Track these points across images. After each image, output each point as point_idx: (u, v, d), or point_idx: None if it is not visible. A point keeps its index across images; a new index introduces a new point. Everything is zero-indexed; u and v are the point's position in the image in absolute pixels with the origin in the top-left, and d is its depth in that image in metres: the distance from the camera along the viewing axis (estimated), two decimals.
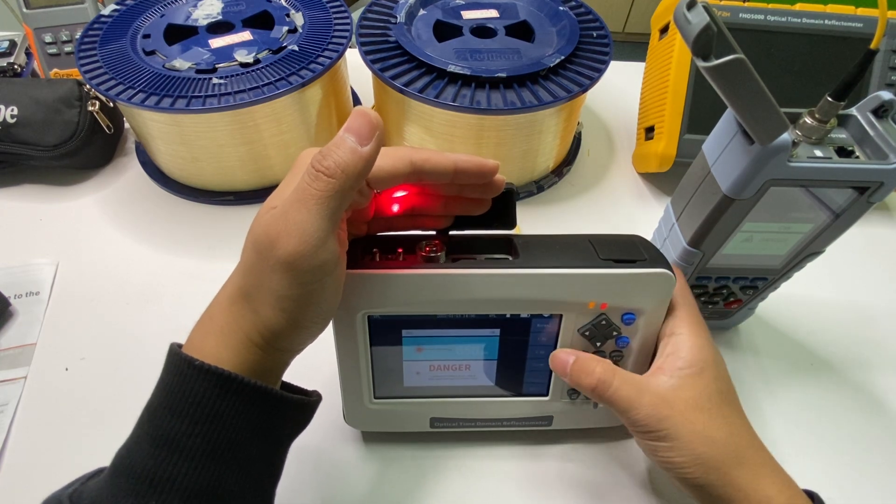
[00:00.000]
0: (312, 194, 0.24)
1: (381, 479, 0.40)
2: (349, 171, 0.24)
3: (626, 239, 0.34)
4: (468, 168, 0.29)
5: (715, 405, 0.31)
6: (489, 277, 0.31)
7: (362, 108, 0.25)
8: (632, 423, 0.32)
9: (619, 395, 0.32)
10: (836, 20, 0.52)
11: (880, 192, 0.32)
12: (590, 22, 0.57)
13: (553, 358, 0.35)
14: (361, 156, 0.24)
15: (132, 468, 0.25)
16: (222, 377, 0.25)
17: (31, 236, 0.53)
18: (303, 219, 0.24)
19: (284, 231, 0.24)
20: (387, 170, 0.28)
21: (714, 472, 0.30)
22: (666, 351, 0.33)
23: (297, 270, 0.24)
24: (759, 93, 0.26)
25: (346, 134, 0.25)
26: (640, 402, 0.31)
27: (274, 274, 0.25)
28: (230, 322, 0.27)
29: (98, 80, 0.49)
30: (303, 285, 0.25)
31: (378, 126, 0.25)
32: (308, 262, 0.24)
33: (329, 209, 0.24)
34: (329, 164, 0.24)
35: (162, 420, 0.26)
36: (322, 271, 0.25)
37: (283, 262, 0.24)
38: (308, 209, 0.24)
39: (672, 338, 0.33)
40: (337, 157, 0.24)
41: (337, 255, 0.26)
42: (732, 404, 0.32)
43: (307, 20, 0.56)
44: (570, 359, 0.34)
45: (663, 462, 0.31)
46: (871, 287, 0.53)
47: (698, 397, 0.31)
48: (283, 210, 0.25)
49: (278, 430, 0.29)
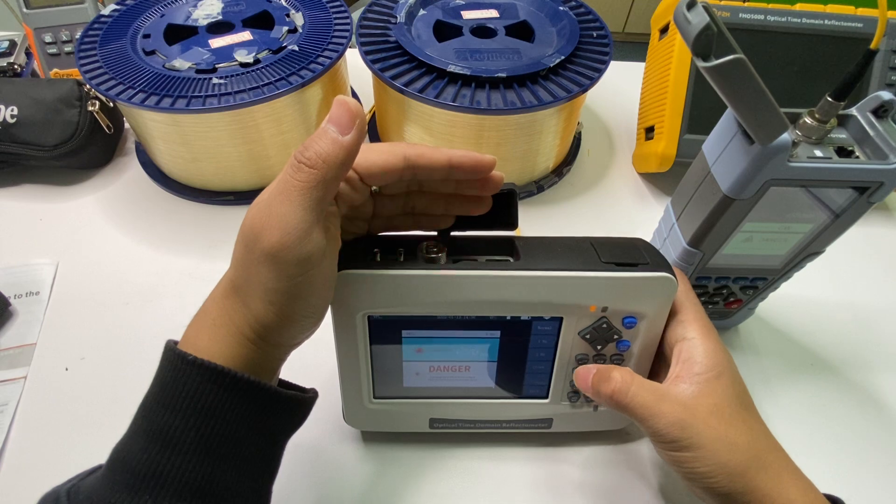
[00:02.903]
0: (295, 185, 0.24)
1: (380, 479, 0.39)
2: (330, 161, 0.24)
3: (629, 242, 0.34)
4: (463, 163, 0.28)
5: (735, 410, 0.31)
6: (490, 279, 0.31)
7: (342, 98, 0.25)
8: (654, 432, 0.31)
9: (636, 401, 0.31)
10: (836, 20, 0.52)
11: (880, 192, 0.32)
12: (590, 22, 0.57)
13: (577, 375, 0.35)
14: (342, 145, 0.24)
15: (127, 463, 0.25)
16: (215, 372, 0.25)
17: (31, 236, 0.53)
18: (285, 210, 0.24)
19: (268, 223, 0.24)
20: (380, 165, 0.27)
21: (739, 478, 0.29)
22: (682, 357, 0.32)
23: (281, 262, 0.24)
24: (759, 93, 0.26)
25: (328, 124, 0.25)
26: (660, 409, 0.30)
27: (261, 267, 0.25)
28: (223, 316, 0.27)
29: (98, 80, 0.49)
30: (289, 278, 0.25)
31: (358, 114, 0.25)
32: (292, 253, 0.24)
33: (312, 200, 0.24)
34: (310, 155, 0.24)
35: (156, 415, 0.26)
36: (308, 263, 0.25)
37: (268, 255, 0.24)
38: (290, 201, 0.24)
39: (685, 343, 0.33)
40: (318, 148, 0.24)
41: (323, 248, 0.26)
42: (750, 408, 0.32)
43: (307, 20, 0.56)
44: (591, 370, 0.33)
45: (688, 473, 0.30)
46: (870, 287, 0.53)
47: (719, 403, 0.30)
48: (266, 203, 0.25)
49: (273, 426, 0.29)
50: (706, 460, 0.29)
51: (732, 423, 0.30)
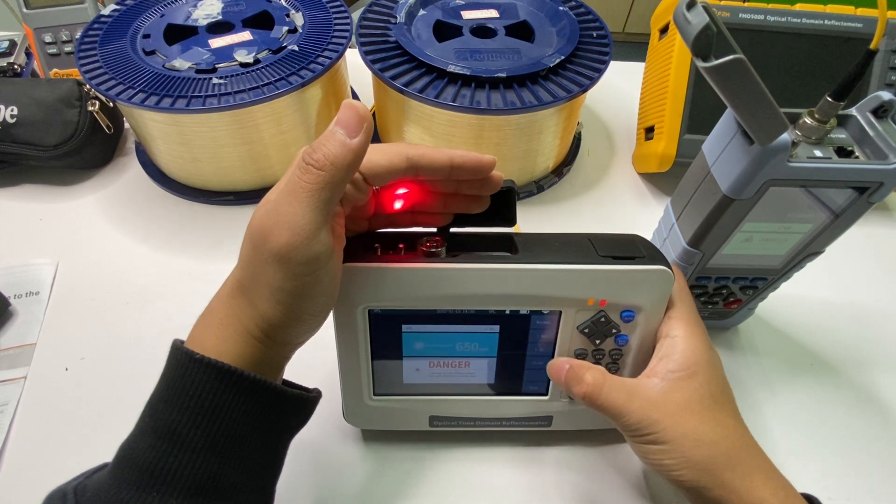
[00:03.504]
0: (303, 187, 0.24)
1: (380, 478, 0.40)
2: (338, 164, 0.24)
3: (626, 237, 0.34)
4: (464, 163, 0.29)
5: (707, 408, 0.31)
6: (489, 272, 0.31)
7: (350, 101, 0.25)
8: (623, 427, 0.32)
9: (609, 401, 0.32)
10: (836, 20, 0.52)
11: (880, 192, 0.32)
12: (590, 22, 0.57)
13: (550, 367, 0.35)
14: (350, 148, 0.25)
15: (134, 460, 0.26)
16: (222, 370, 0.26)
17: (31, 236, 0.53)
18: (294, 211, 0.24)
19: (276, 224, 0.24)
20: (383, 165, 0.28)
21: (706, 474, 0.30)
22: (661, 353, 0.33)
23: (290, 263, 0.25)
24: (759, 93, 0.26)
25: (336, 127, 0.25)
26: (630, 407, 0.31)
27: (269, 267, 0.25)
28: (229, 315, 0.27)
29: (98, 80, 0.49)
30: (297, 277, 0.25)
31: (366, 118, 0.25)
32: (300, 254, 0.25)
33: (320, 201, 0.25)
34: (318, 157, 0.24)
35: (163, 413, 0.26)
36: (316, 263, 0.25)
37: (277, 255, 0.25)
38: (299, 202, 0.24)
39: (667, 339, 0.33)
40: (326, 150, 0.25)
41: (330, 248, 0.26)
42: (726, 407, 0.32)
43: (307, 20, 0.56)
44: (565, 366, 0.34)
45: (655, 465, 0.31)
46: (870, 287, 0.53)
47: (689, 400, 0.31)
48: (275, 203, 0.25)
49: (278, 425, 0.29)
50: (672, 454, 0.30)
51: (703, 421, 0.31)
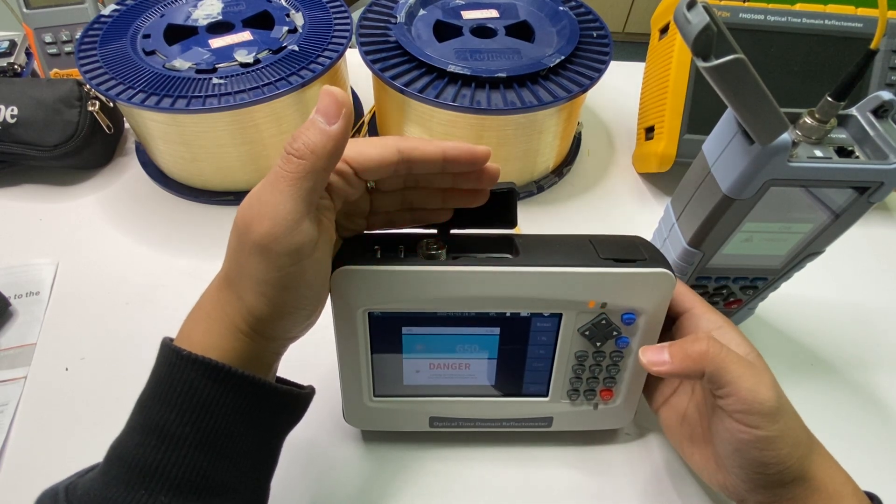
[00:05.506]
0: (284, 176, 0.24)
1: (380, 478, 0.39)
2: (318, 151, 0.24)
3: (627, 239, 0.34)
4: (458, 155, 0.28)
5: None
6: (489, 275, 0.31)
7: (328, 88, 0.25)
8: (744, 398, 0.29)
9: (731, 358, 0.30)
10: (836, 20, 0.52)
11: (880, 192, 0.32)
12: (590, 22, 0.57)
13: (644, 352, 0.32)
14: (330, 135, 0.25)
15: (123, 458, 0.25)
16: (209, 367, 0.26)
17: (31, 236, 0.53)
18: (276, 200, 0.24)
19: (258, 214, 0.25)
20: (374, 158, 0.28)
21: (798, 461, 0.30)
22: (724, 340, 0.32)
23: (271, 253, 0.25)
24: (759, 93, 0.26)
25: (315, 115, 0.25)
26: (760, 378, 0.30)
27: (252, 258, 0.25)
28: (217, 309, 0.27)
29: (98, 80, 0.49)
30: (279, 268, 0.25)
31: (345, 104, 0.25)
32: (281, 244, 0.24)
33: (302, 190, 0.25)
34: (298, 146, 0.24)
35: (152, 410, 0.26)
36: (298, 254, 0.25)
37: (258, 245, 0.25)
38: (280, 191, 0.24)
39: (719, 331, 0.33)
40: (305, 139, 0.25)
41: (314, 239, 0.26)
42: None
43: (307, 20, 0.56)
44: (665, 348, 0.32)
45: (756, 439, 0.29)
46: (870, 287, 0.53)
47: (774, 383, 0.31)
48: (257, 194, 0.25)
49: (269, 422, 0.29)
50: (786, 431, 0.30)
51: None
